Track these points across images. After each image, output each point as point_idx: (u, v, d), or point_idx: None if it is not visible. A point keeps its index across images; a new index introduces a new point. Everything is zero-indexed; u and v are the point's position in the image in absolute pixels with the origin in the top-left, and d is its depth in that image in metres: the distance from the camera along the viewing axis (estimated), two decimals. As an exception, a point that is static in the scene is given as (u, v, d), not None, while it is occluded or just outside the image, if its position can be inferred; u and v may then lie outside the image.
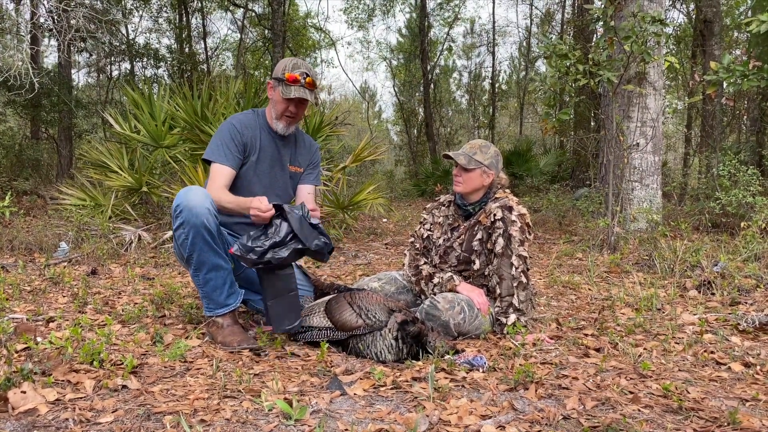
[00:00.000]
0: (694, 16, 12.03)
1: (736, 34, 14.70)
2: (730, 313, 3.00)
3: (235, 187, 2.61)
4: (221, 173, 2.55)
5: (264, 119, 2.73)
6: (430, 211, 2.99)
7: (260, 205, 2.31)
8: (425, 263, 2.88)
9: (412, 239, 3.01)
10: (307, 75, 2.57)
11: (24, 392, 1.68)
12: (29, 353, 2.05)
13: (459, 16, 21.47)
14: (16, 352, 2.10)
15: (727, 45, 13.63)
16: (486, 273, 2.73)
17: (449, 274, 2.75)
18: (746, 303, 3.30)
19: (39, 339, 2.22)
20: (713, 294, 3.49)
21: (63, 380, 1.86)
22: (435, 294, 2.71)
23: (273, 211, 2.32)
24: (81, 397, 1.75)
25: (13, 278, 3.57)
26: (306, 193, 2.82)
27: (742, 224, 4.84)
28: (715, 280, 3.61)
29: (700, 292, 3.55)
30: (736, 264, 3.87)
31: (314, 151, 2.88)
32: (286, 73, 2.56)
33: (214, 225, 2.34)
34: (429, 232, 2.94)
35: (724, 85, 5.70)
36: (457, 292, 2.66)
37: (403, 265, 3.01)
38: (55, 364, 1.93)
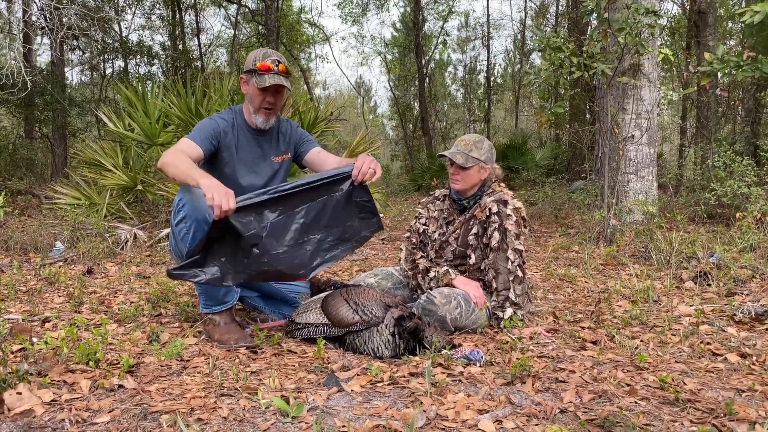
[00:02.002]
0: (688, 7, 12.02)
1: (730, 24, 14.71)
2: (726, 304, 3.00)
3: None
4: (186, 143, 2.42)
5: (242, 117, 2.64)
6: (425, 206, 2.99)
7: (223, 203, 2.04)
8: (421, 257, 2.88)
9: (408, 234, 3.00)
10: (279, 62, 2.49)
11: (20, 393, 1.68)
12: (25, 354, 2.05)
13: (453, 10, 21.39)
14: (12, 353, 2.10)
15: (722, 36, 13.63)
16: (482, 267, 2.73)
17: (445, 268, 2.74)
18: (742, 294, 3.31)
19: (35, 339, 2.21)
20: (709, 285, 3.50)
21: (59, 381, 1.86)
22: (431, 289, 2.71)
23: (233, 210, 2.09)
24: (77, 398, 1.75)
25: (8, 278, 3.56)
26: (317, 154, 2.70)
27: (737, 215, 4.85)
28: (711, 271, 3.61)
29: (696, 283, 3.56)
30: (731, 255, 3.89)
31: (295, 128, 2.77)
32: (257, 63, 2.47)
33: None
34: (424, 227, 2.93)
35: (719, 75, 5.70)
36: (454, 287, 2.66)
37: (400, 260, 3.01)
38: (51, 365, 1.93)
